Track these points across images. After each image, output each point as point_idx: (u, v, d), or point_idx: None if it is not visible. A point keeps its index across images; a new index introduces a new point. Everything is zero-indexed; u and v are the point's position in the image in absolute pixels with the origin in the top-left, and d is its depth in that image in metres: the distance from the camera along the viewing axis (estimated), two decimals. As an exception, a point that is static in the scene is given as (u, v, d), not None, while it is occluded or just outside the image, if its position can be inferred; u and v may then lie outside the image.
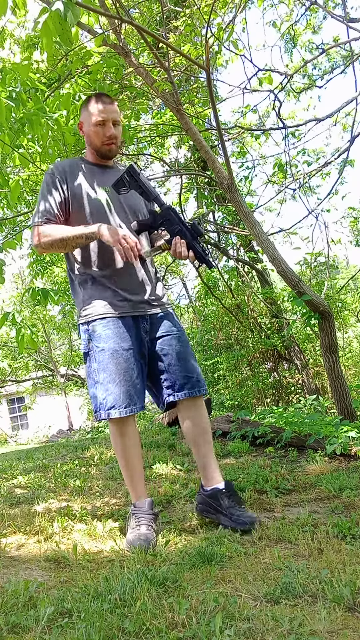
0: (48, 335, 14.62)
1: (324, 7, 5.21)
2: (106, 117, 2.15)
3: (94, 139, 2.18)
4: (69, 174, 2.16)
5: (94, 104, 2.17)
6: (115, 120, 2.17)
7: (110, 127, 2.16)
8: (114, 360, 2.04)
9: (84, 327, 2.14)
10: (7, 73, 2.76)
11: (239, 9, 4.97)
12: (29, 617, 1.35)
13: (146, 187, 2.10)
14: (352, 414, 3.58)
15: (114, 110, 2.17)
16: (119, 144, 2.24)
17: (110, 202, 2.17)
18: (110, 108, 2.16)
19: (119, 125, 2.21)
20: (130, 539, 1.94)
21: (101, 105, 2.15)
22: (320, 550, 1.69)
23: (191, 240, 2.07)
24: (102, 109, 2.15)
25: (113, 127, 2.16)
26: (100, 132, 2.16)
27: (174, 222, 2.09)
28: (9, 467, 4.34)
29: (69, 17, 1.98)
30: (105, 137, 2.16)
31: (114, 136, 2.17)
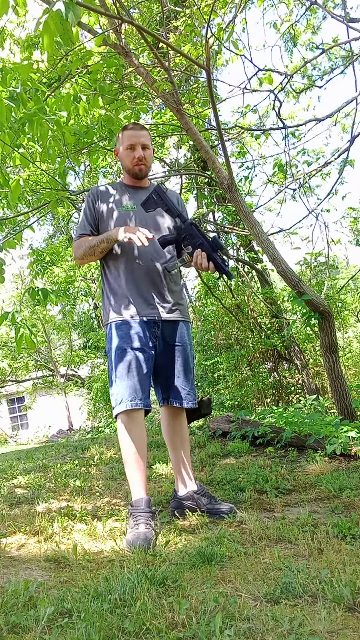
0: (48, 335, 14.61)
1: (324, 7, 5.20)
2: (136, 141, 2.38)
3: (125, 161, 2.42)
4: (102, 194, 2.43)
5: (125, 132, 2.42)
6: (145, 144, 2.40)
7: (139, 150, 2.38)
8: (124, 358, 2.21)
9: (106, 330, 2.37)
10: (7, 73, 2.76)
11: (239, 9, 4.97)
12: (29, 617, 1.35)
13: (171, 205, 2.33)
14: (352, 414, 3.58)
15: (143, 135, 2.40)
16: (149, 165, 2.45)
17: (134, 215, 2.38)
18: (139, 133, 2.40)
19: (149, 149, 2.42)
20: (129, 539, 1.95)
21: (132, 132, 2.40)
22: (320, 550, 1.69)
23: (211, 253, 2.26)
24: (132, 134, 2.40)
25: (142, 150, 2.39)
26: (130, 155, 2.39)
27: (195, 236, 2.29)
28: (9, 467, 4.34)
29: (70, 17, 1.98)
30: (135, 159, 2.38)
31: (143, 157, 2.39)
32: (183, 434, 2.43)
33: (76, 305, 12.63)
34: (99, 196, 2.42)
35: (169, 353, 2.35)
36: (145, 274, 2.32)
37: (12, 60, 4.24)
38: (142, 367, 2.22)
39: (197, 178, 7.05)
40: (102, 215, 2.40)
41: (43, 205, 4.44)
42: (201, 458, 3.55)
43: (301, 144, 5.81)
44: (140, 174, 2.42)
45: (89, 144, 3.85)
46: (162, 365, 2.35)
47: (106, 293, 2.38)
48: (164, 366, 2.36)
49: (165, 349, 2.35)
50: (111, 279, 2.36)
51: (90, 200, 2.43)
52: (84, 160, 7.15)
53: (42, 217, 8.94)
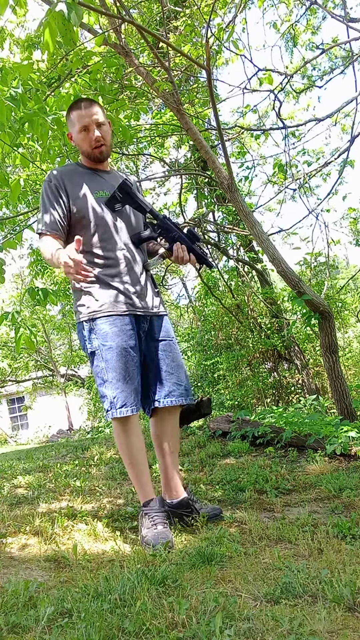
0: (48, 335, 14.61)
1: (324, 7, 5.20)
2: (88, 121, 2.14)
3: (82, 145, 2.19)
4: (67, 180, 2.15)
5: (74, 112, 2.17)
6: (99, 121, 2.15)
7: (94, 130, 2.15)
8: (123, 358, 2.05)
9: (87, 325, 2.11)
10: (7, 73, 2.76)
11: (239, 9, 4.96)
12: (29, 617, 1.35)
13: (140, 201, 2.16)
14: (352, 414, 3.58)
15: (94, 113, 2.15)
16: (109, 144, 2.22)
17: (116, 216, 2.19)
18: (90, 111, 2.15)
19: (105, 125, 2.18)
20: (149, 538, 1.92)
21: (81, 111, 2.15)
22: (320, 550, 1.69)
23: (190, 245, 2.20)
24: (82, 114, 2.15)
25: (97, 129, 2.15)
26: (86, 138, 2.16)
27: (171, 230, 2.21)
28: (9, 467, 4.33)
29: (72, 17, 1.99)
30: (93, 141, 2.16)
31: (100, 138, 2.16)
32: (174, 439, 2.23)
33: (76, 305, 12.60)
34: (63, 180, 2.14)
35: (160, 349, 2.20)
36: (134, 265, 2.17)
37: (12, 60, 4.24)
38: (137, 366, 2.10)
39: (197, 178, 7.05)
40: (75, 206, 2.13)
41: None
42: (201, 458, 3.55)
43: (301, 144, 5.82)
44: (102, 157, 2.20)
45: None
46: (155, 363, 2.19)
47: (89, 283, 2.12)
48: (157, 363, 2.19)
49: (156, 345, 2.20)
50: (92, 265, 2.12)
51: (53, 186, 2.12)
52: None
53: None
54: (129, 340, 2.07)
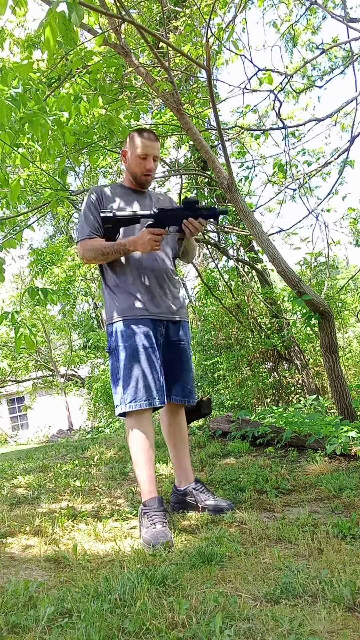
0: (48, 335, 14.61)
1: (324, 7, 5.20)
2: (151, 152, 2.38)
3: (134, 168, 2.41)
4: (105, 196, 2.41)
5: (141, 138, 2.39)
6: (156, 156, 2.42)
7: (150, 162, 2.40)
8: (135, 357, 2.21)
9: (109, 329, 2.34)
10: (7, 73, 2.76)
11: (239, 9, 4.96)
12: (29, 617, 1.35)
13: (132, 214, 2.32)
14: (352, 414, 3.58)
15: (156, 148, 2.41)
16: (154, 177, 2.52)
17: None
18: (155, 145, 2.41)
19: (157, 160, 2.46)
20: (147, 538, 1.95)
21: (147, 142, 2.39)
22: (320, 550, 1.69)
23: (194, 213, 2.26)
24: (147, 144, 2.38)
25: (152, 162, 2.41)
26: (142, 164, 2.39)
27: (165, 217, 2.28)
28: (9, 467, 4.33)
29: (73, 17, 1.99)
30: (146, 170, 2.40)
31: (152, 170, 2.42)
32: (182, 430, 2.47)
33: (76, 305, 12.64)
34: (103, 196, 2.41)
35: (172, 351, 2.38)
36: (151, 273, 2.35)
37: (12, 60, 4.24)
38: (154, 366, 2.23)
39: (197, 178, 7.05)
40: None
41: (43, 205, 4.44)
42: (201, 458, 3.55)
43: (301, 144, 5.81)
44: (146, 184, 2.47)
45: (89, 144, 3.84)
46: (166, 364, 2.36)
47: (110, 290, 2.37)
48: (168, 364, 2.37)
49: (168, 347, 2.37)
50: (115, 276, 2.36)
51: (95, 199, 2.40)
52: (84, 160, 7.15)
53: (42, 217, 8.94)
54: (143, 341, 2.23)
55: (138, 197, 2.45)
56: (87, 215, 2.37)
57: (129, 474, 3.41)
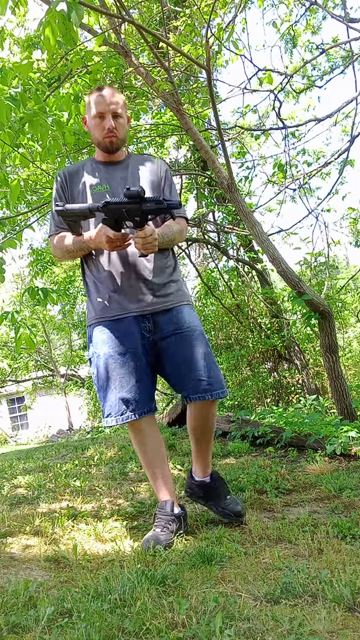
0: (48, 335, 14.61)
1: (324, 7, 5.20)
2: (104, 109, 2.06)
3: (94, 132, 2.11)
4: (71, 176, 2.14)
5: (93, 96, 2.09)
6: (116, 112, 2.07)
7: (108, 120, 2.06)
8: (109, 366, 2.01)
9: (88, 332, 2.16)
10: (7, 73, 2.76)
11: (239, 9, 4.97)
12: (29, 617, 1.35)
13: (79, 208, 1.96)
14: (352, 414, 3.58)
15: (113, 102, 2.07)
16: (122, 136, 2.11)
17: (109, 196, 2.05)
18: (110, 99, 2.06)
19: (122, 118, 2.10)
20: (145, 538, 1.94)
21: (101, 98, 2.07)
22: (320, 550, 1.69)
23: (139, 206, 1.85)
24: (101, 101, 2.06)
25: (113, 119, 2.07)
26: (99, 125, 2.08)
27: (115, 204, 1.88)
28: (9, 467, 4.33)
29: (72, 17, 1.99)
30: (105, 130, 2.07)
31: (113, 128, 2.07)
32: (206, 429, 2.14)
33: (76, 305, 12.64)
34: (67, 179, 2.13)
35: (170, 345, 2.04)
36: (125, 262, 2.03)
37: (12, 60, 4.24)
38: (132, 372, 2.00)
39: (197, 178, 7.05)
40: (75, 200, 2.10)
41: (43, 205, 4.44)
42: (201, 458, 3.55)
43: (301, 144, 5.82)
44: (111, 147, 2.10)
45: (89, 144, 3.84)
46: (166, 361, 2.06)
47: (87, 286, 2.15)
48: (170, 360, 2.05)
49: (164, 341, 2.04)
50: (90, 273, 2.12)
51: (58, 187, 2.13)
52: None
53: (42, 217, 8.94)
54: (118, 347, 2.00)
55: (110, 171, 2.12)
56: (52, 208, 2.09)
57: (129, 474, 3.41)
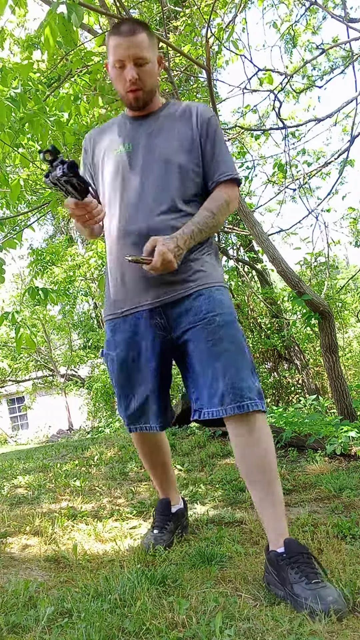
0: (48, 335, 14.61)
1: (324, 7, 5.20)
2: (123, 55, 1.55)
3: (116, 84, 1.65)
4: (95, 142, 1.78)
5: (111, 39, 1.58)
6: (139, 57, 1.55)
7: (130, 69, 1.56)
8: (118, 371, 1.76)
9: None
10: (7, 73, 2.76)
11: (239, 9, 4.97)
12: (29, 617, 1.35)
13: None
14: (352, 414, 3.58)
15: (135, 44, 1.54)
16: (148, 87, 1.61)
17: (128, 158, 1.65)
18: (130, 41, 1.54)
19: (148, 63, 1.57)
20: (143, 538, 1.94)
21: (120, 39, 1.55)
22: (320, 550, 1.69)
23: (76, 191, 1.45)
24: (118, 43, 1.55)
25: (135, 68, 1.56)
26: (119, 76, 1.60)
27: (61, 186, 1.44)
28: (9, 467, 4.33)
29: (72, 18, 1.99)
30: (127, 82, 1.59)
31: (136, 80, 1.57)
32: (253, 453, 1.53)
33: (76, 305, 12.65)
34: (92, 142, 1.78)
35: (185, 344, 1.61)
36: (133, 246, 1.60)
37: (12, 60, 4.24)
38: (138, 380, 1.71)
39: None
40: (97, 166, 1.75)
41: (43, 205, 4.44)
42: (201, 458, 3.55)
43: (301, 144, 5.82)
44: (135, 104, 1.64)
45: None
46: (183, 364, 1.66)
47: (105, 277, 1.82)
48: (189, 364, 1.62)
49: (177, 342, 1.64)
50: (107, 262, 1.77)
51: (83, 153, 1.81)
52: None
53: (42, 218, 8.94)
54: (130, 350, 1.69)
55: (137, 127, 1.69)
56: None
57: (128, 474, 3.41)
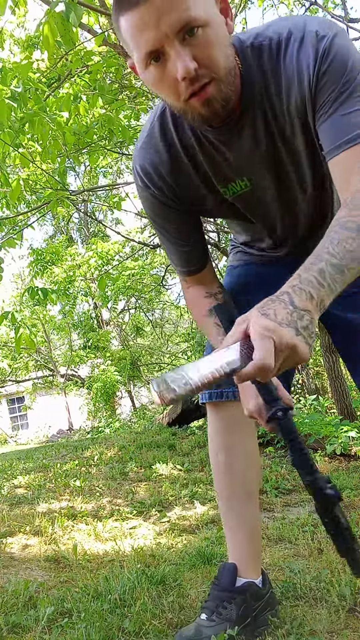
0: (48, 335, 14.61)
1: (324, 8, 5.20)
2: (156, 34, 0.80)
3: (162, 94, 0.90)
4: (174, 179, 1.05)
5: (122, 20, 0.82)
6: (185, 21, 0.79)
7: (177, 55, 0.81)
8: None
9: None
10: (7, 72, 2.76)
11: (239, 9, 4.97)
12: (29, 617, 1.34)
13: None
14: (352, 414, 3.58)
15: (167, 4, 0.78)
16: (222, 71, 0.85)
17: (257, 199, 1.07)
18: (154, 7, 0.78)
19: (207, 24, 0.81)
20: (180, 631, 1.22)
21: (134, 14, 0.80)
22: (320, 550, 1.69)
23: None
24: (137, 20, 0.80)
25: (186, 48, 0.81)
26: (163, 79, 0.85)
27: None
28: (9, 467, 4.33)
29: (71, 17, 1.99)
30: (182, 87, 0.83)
31: (193, 69, 0.81)
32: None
33: (76, 305, 12.64)
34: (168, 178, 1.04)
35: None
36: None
37: (12, 60, 4.24)
38: None
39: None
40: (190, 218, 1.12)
41: (43, 205, 4.44)
42: (201, 458, 3.55)
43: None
44: (212, 116, 0.89)
45: (89, 144, 3.84)
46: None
47: None
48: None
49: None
50: None
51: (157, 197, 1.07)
52: (84, 160, 7.15)
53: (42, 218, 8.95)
54: None
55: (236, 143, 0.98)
56: (160, 236, 1.16)
57: (128, 474, 3.41)
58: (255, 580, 1.22)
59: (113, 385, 11.24)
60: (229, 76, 0.88)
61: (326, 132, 0.88)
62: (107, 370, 11.32)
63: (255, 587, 1.21)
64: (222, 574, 1.22)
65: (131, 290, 9.75)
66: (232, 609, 1.16)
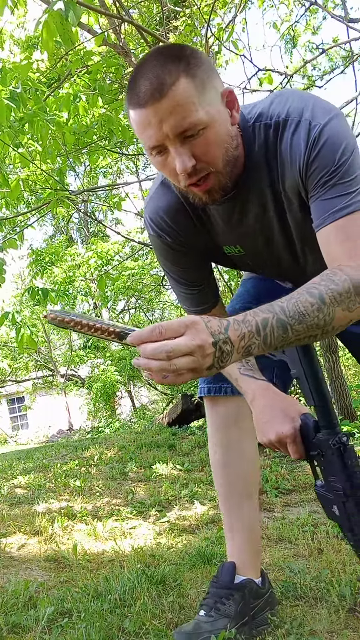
0: (48, 335, 14.61)
1: (324, 8, 5.20)
2: (158, 136, 0.90)
3: (166, 175, 1.00)
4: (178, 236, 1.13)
5: (132, 112, 0.93)
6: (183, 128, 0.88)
7: (177, 153, 0.90)
8: None
9: None
10: (6, 72, 2.76)
11: (239, 9, 4.97)
12: (29, 617, 1.34)
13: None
14: (352, 414, 3.59)
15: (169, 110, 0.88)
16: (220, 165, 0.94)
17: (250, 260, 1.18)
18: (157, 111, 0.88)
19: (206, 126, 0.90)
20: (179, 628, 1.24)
21: (139, 113, 0.90)
22: (320, 550, 1.69)
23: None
24: (144, 119, 0.90)
25: (184, 145, 0.90)
26: (165, 166, 0.96)
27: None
28: (9, 467, 4.33)
29: (70, 16, 1.99)
30: (181, 177, 0.94)
31: (191, 167, 0.91)
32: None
33: (76, 305, 12.64)
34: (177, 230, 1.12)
35: None
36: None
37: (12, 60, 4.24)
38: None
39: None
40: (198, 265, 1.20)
41: (43, 205, 4.44)
42: (201, 458, 3.55)
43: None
44: (209, 202, 0.99)
45: (88, 144, 3.84)
46: None
47: None
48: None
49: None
50: None
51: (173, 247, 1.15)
52: (84, 160, 7.15)
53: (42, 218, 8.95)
54: None
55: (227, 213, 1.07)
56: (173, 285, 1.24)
57: (128, 474, 3.41)
58: (255, 579, 1.24)
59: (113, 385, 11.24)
60: (228, 167, 0.97)
61: (314, 211, 0.97)
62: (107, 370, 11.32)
63: (254, 585, 1.23)
64: (221, 572, 1.24)
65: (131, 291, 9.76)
66: (230, 605, 1.18)
